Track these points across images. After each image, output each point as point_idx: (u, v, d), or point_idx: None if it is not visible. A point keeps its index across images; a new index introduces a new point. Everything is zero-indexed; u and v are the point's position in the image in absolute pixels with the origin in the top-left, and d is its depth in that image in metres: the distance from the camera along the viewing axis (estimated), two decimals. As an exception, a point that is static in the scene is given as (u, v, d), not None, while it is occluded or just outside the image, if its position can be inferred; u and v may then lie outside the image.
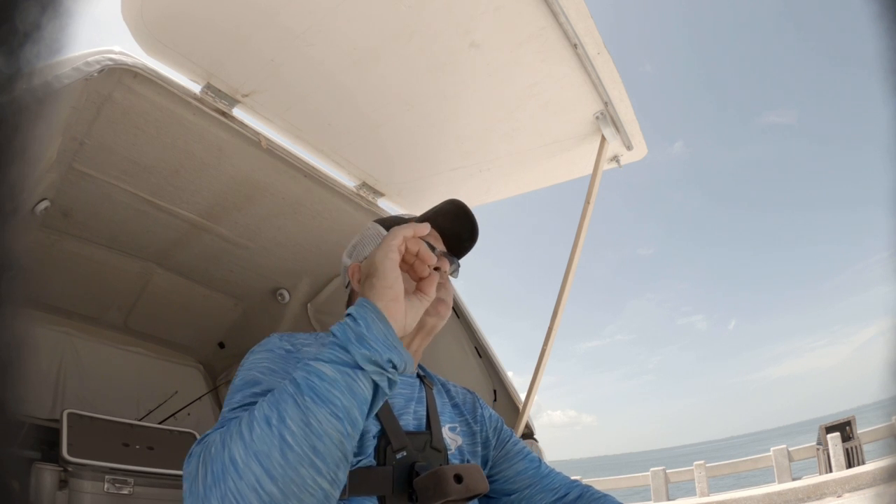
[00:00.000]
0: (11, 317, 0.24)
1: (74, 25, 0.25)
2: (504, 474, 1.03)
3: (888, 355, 0.26)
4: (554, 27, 1.28)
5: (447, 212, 1.02)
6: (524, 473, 1.03)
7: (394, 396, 0.91)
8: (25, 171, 0.24)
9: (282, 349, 0.83)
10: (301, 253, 2.10)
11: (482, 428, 1.04)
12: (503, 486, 1.02)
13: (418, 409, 0.94)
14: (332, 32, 1.30)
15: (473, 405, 1.08)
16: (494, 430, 1.06)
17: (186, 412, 2.49)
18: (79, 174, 1.62)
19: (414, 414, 0.92)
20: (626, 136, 1.63)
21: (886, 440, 0.35)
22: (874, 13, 0.27)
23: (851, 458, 8.95)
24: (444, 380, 1.12)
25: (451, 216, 1.02)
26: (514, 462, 1.04)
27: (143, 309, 2.39)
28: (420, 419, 0.93)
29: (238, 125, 1.52)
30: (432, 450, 0.89)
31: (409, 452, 0.83)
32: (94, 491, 1.60)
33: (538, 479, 1.03)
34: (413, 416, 0.92)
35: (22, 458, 1.31)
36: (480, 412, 1.07)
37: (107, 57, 1.22)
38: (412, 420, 0.91)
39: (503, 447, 1.05)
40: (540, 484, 1.02)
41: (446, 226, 1.02)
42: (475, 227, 1.03)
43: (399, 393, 0.94)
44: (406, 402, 0.93)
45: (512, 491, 1.02)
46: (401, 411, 0.90)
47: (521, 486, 1.02)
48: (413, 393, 0.96)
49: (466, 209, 1.02)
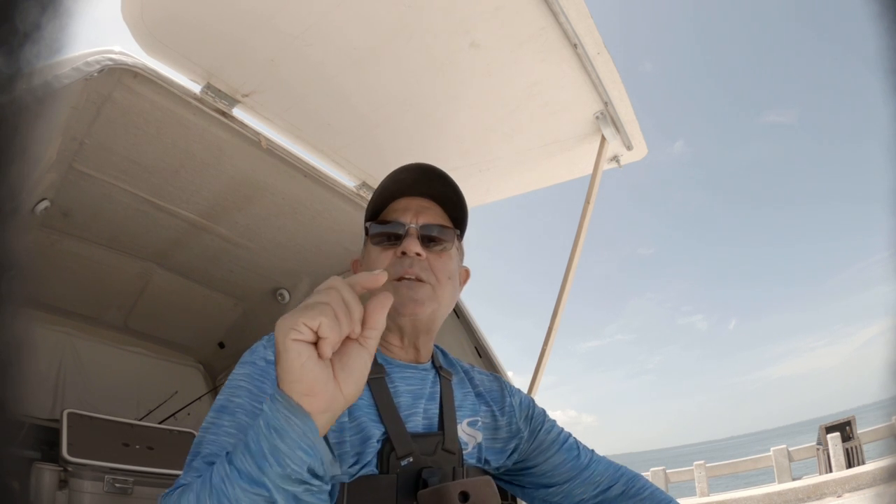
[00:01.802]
0: (11, 317, 0.24)
1: (74, 25, 0.25)
2: (540, 468, 0.94)
3: (888, 355, 0.26)
4: (554, 27, 1.28)
5: (401, 179, 0.87)
6: (563, 467, 0.94)
7: (400, 394, 0.83)
8: (25, 171, 0.24)
9: (264, 360, 0.76)
10: (301, 253, 2.10)
11: (510, 419, 0.94)
12: (539, 480, 0.94)
13: (429, 407, 0.85)
14: (332, 32, 1.30)
15: (501, 392, 0.98)
16: (526, 419, 0.97)
17: (186, 412, 2.49)
18: (79, 174, 1.62)
19: (424, 413, 0.84)
20: (626, 136, 1.64)
21: (886, 440, 0.35)
22: (874, 13, 0.27)
23: (851, 458, 8.95)
24: (467, 366, 1.01)
25: (420, 178, 0.88)
26: (551, 454, 0.95)
27: (143, 309, 2.39)
28: (431, 418, 0.84)
29: (238, 125, 1.52)
30: (444, 452, 0.81)
31: (415, 458, 0.76)
32: (94, 491, 1.60)
33: (578, 471, 0.94)
34: (423, 416, 0.83)
35: (22, 458, 1.31)
36: (509, 400, 0.97)
37: (107, 57, 1.22)
38: (422, 420, 0.83)
39: (535, 437, 0.96)
40: (580, 477, 0.93)
41: (426, 190, 0.89)
42: (436, 170, 0.88)
43: (405, 390, 0.84)
44: (414, 399, 0.84)
45: (550, 485, 0.93)
46: (408, 411, 0.82)
47: (560, 481, 0.93)
48: (424, 388, 0.86)
49: (431, 167, 0.88)
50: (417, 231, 0.85)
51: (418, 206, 0.88)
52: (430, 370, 0.90)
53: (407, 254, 0.82)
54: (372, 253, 0.86)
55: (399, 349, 0.88)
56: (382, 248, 0.85)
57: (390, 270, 0.82)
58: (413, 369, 0.87)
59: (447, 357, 1.00)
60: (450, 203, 0.90)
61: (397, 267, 0.83)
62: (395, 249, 0.84)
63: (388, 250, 0.85)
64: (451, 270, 0.88)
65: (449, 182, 0.88)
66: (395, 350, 0.88)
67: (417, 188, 0.89)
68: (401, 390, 0.83)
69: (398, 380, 0.84)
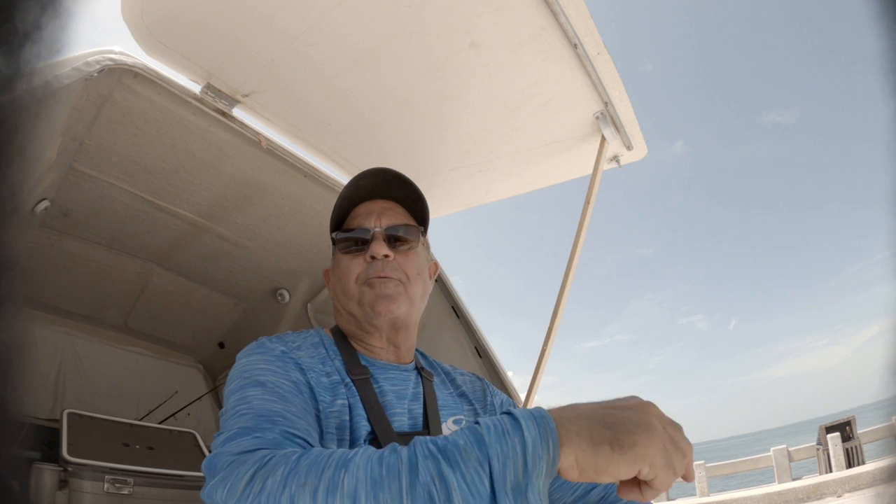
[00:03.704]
0: (11, 317, 0.24)
1: (74, 25, 0.25)
2: None
3: (888, 355, 0.26)
4: (554, 27, 1.28)
5: (361, 185, 0.89)
6: None
7: (385, 394, 0.83)
8: (25, 171, 0.24)
9: (276, 349, 0.78)
10: (301, 253, 2.10)
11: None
12: None
13: (413, 407, 0.86)
14: (332, 33, 1.30)
15: (483, 392, 0.99)
16: None
17: (186, 412, 2.49)
18: (79, 174, 1.62)
19: (409, 413, 0.84)
20: (626, 136, 1.64)
21: (886, 440, 0.35)
22: (874, 13, 0.27)
23: (851, 458, 8.95)
24: (448, 368, 1.03)
25: (380, 182, 0.90)
26: None
27: (143, 309, 2.39)
28: (416, 417, 0.85)
29: (238, 125, 1.52)
30: None
31: None
32: (94, 491, 1.60)
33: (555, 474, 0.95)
34: (408, 416, 0.84)
35: (22, 458, 1.31)
36: (490, 399, 0.98)
37: (107, 57, 1.22)
38: (407, 419, 0.83)
39: None
40: (557, 481, 0.91)
41: (389, 193, 0.91)
42: (393, 172, 0.90)
43: (389, 389, 0.85)
44: (398, 399, 0.85)
45: None
46: (392, 410, 0.83)
47: None
48: (407, 389, 0.87)
49: (375, 169, 0.90)
50: (383, 234, 0.87)
51: (380, 208, 0.90)
52: (413, 371, 0.92)
53: (375, 257, 0.85)
54: (342, 262, 0.89)
55: (381, 350, 0.90)
56: (352, 256, 0.88)
57: (361, 276, 0.86)
58: (396, 370, 0.89)
59: (427, 359, 1.02)
60: (409, 202, 0.93)
61: (368, 271, 0.86)
62: (364, 255, 0.87)
63: (357, 256, 0.87)
64: (420, 266, 0.91)
65: (407, 182, 0.92)
66: (378, 351, 0.90)
67: (378, 192, 0.92)
68: (385, 390, 0.84)
69: (382, 380, 0.86)
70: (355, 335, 0.90)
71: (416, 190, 0.92)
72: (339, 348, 0.87)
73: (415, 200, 0.92)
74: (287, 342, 0.82)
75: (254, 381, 0.71)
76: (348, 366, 0.83)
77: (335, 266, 0.92)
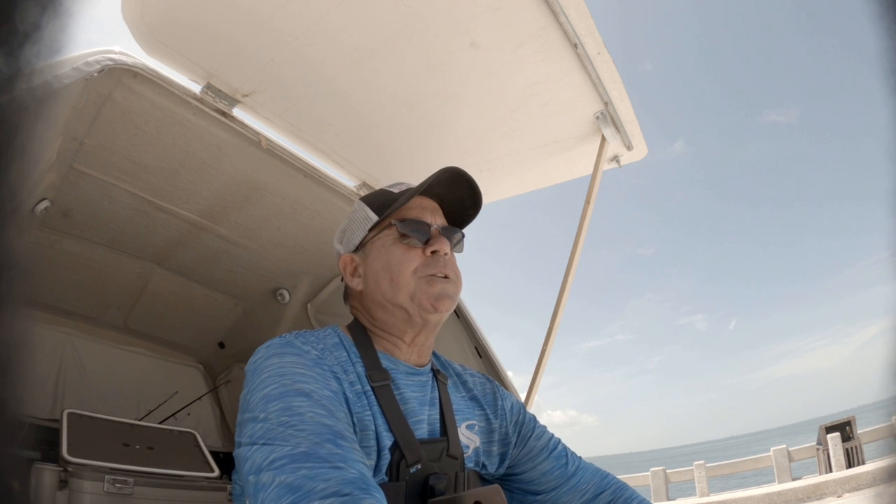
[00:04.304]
0: (11, 317, 0.24)
1: (74, 25, 0.25)
2: (528, 475, 0.95)
3: (888, 355, 0.26)
4: (554, 27, 1.28)
5: (442, 180, 0.89)
6: (550, 475, 0.95)
7: (407, 401, 0.82)
8: (25, 171, 0.24)
9: (311, 353, 0.76)
10: (301, 253, 2.10)
11: (502, 423, 0.95)
12: (527, 487, 0.95)
13: (431, 413, 0.86)
14: (332, 32, 1.30)
15: (494, 396, 0.99)
16: (515, 425, 0.97)
17: (186, 412, 2.48)
18: (79, 174, 1.62)
19: (428, 419, 0.84)
20: (626, 136, 1.64)
21: (886, 440, 0.35)
22: (874, 13, 0.27)
23: (851, 458, 8.94)
24: (459, 369, 1.03)
25: (447, 183, 0.90)
26: (539, 461, 0.96)
27: (143, 309, 2.39)
28: (434, 424, 0.85)
29: (238, 125, 1.52)
30: (449, 458, 0.81)
31: (423, 465, 0.77)
32: (94, 491, 1.60)
33: (565, 479, 0.95)
34: (427, 423, 0.84)
35: (22, 458, 1.31)
36: (501, 403, 0.98)
37: (107, 57, 1.22)
38: (426, 427, 0.83)
39: (525, 444, 0.97)
40: (566, 485, 0.94)
41: (444, 193, 0.92)
42: (476, 190, 0.92)
43: (411, 396, 0.84)
44: (419, 405, 0.84)
45: (537, 492, 0.94)
46: (415, 417, 0.82)
47: (547, 489, 0.94)
48: (425, 395, 0.87)
49: (463, 173, 0.91)
50: (439, 231, 0.89)
51: (432, 206, 0.92)
52: (429, 374, 0.91)
53: (441, 253, 0.85)
54: (395, 251, 0.87)
55: (406, 348, 0.88)
56: (408, 247, 0.87)
57: (420, 269, 0.85)
58: (415, 375, 0.88)
59: (440, 359, 1.01)
60: (469, 211, 0.96)
61: (430, 266, 0.85)
62: (423, 248, 0.86)
63: (414, 249, 0.86)
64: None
65: (475, 190, 0.93)
66: (403, 349, 0.88)
67: (447, 193, 0.93)
68: (407, 397, 0.83)
69: (403, 386, 0.84)
70: (385, 330, 0.88)
71: (479, 204, 0.94)
72: (359, 349, 0.85)
73: (473, 211, 0.95)
74: (312, 343, 0.79)
75: (297, 390, 0.68)
76: (368, 370, 0.81)
77: (379, 254, 0.89)
